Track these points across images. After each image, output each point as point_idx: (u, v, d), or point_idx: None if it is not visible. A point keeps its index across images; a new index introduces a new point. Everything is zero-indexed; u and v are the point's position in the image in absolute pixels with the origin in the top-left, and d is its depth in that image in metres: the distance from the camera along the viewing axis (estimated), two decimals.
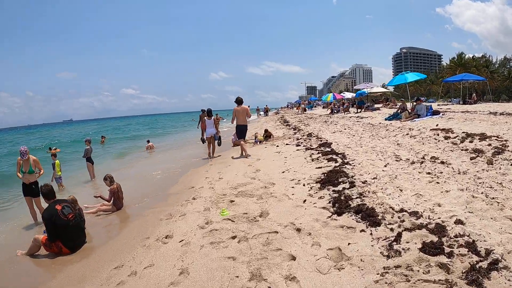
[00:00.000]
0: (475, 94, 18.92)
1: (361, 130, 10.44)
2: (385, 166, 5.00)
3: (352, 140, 8.39)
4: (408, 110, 12.21)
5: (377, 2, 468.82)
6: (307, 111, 34.34)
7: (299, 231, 3.07)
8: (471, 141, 5.93)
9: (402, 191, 3.72)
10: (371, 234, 2.77)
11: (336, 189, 4.11)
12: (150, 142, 16.19)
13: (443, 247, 2.44)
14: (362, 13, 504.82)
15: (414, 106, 11.75)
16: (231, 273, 2.55)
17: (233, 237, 3.19)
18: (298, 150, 8.08)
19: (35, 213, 5.61)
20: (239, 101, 8.70)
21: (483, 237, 2.50)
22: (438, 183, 3.90)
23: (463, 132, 6.87)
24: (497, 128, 7.17)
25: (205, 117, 10.14)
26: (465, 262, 2.25)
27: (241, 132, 8.87)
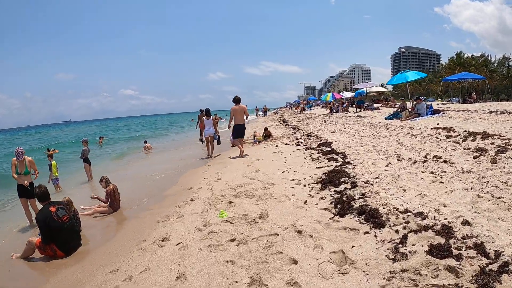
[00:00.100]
0: (474, 93, 18.87)
1: (361, 129, 10.35)
2: (387, 165, 4.90)
3: (353, 139, 8.29)
4: (408, 109, 12.13)
5: (376, 2, 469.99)
6: (306, 111, 34.27)
7: (300, 233, 2.97)
8: (473, 140, 5.86)
9: (405, 191, 3.63)
10: (375, 236, 2.67)
11: (337, 189, 4.00)
12: (147, 143, 16.09)
13: (451, 250, 2.35)
14: (360, 13, 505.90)
15: (414, 105, 11.67)
16: (229, 278, 2.44)
17: (232, 239, 3.08)
18: (297, 149, 7.98)
19: (30, 215, 5.51)
20: (237, 100, 8.64)
21: (491, 238, 2.42)
22: (442, 182, 3.81)
23: (464, 131, 6.80)
24: (499, 126, 7.11)
25: (204, 117, 10.09)
26: (474, 265, 2.17)
27: (239, 132, 8.81)
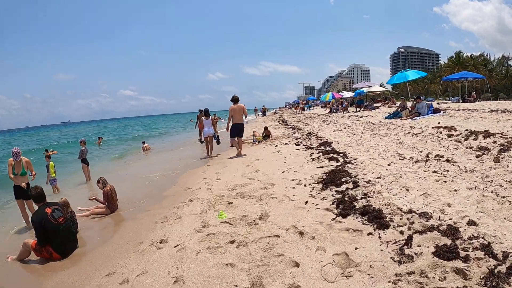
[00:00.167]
0: (474, 92, 18.82)
1: (361, 129, 10.28)
2: (388, 165, 4.83)
3: (353, 139, 8.22)
4: (409, 108, 12.07)
5: (374, 2, 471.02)
6: (306, 111, 34.22)
7: (301, 234, 2.88)
8: (475, 139, 5.79)
9: (408, 190, 3.56)
10: (379, 237, 2.59)
11: (339, 189, 3.93)
12: (146, 143, 16.02)
13: (458, 251, 2.28)
14: (359, 13, 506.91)
15: (414, 105, 11.61)
16: (229, 281, 2.36)
17: (232, 241, 2.99)
18: (297, 149, 7.91)
19: (27, 216, 5.41)
20: (235, 99, 8.58)
21: (498, 238, 2.36)
22: (445, 182, 3.74)
23: (466, 130, 6.74)
24: (501, 125, 7.05)
25: (203, 117, 10.02)
26: (482, 267, 2.10)
27: (238, 131, 8.74)
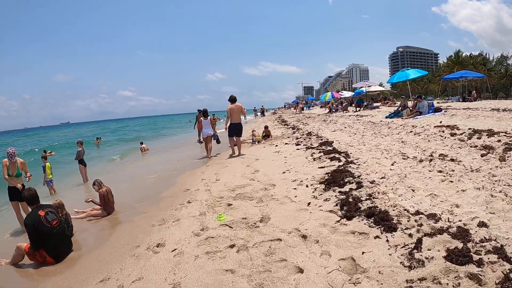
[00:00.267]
0: (475, 91, 18.73)
1: (362, 128, 10.16)
2: (392, 164, 4.71)
3: (354, 138, 8.10)
4: (410, 107, 11.96)
5: (373, 2, 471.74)
6: (305, 111, 34.11)
7: (305, 238, 2.75)
8: (479, 138, 5.68)
9: (414, 191, 3.43)
10: (387, 240, 2.46)
11: (342, 190, 3.80)
12: (143, 144, 15.91)
13: (471, 255, 2.16)
14: (358, 13, 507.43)
15: (415, 104, 11.50)
16: None
17: (231, 245, 2.85)
18: (298, 149, 7.78)
19: (22, 218, 5.28)
20: (232, 99, 8.54)
21: (511, 241, 2.23)
22: (451, 182, 3.63)
23: (469, 129, 6.63)
24: (504, 124, 6.95)
25: (201, 117, 9.92)
26: (497, 271, 1.99)
27: (236, 130, 8.67)
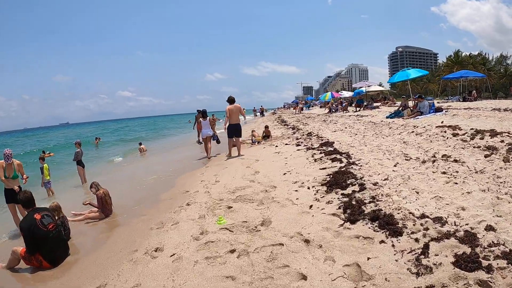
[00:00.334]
0: (475, 91, 18.67)
1: (363, 128, 10.08)
2: (394, 165, 4.63)
3: (355, 139, 8.02)
4: (410, 107, 11.89)
5: (372, 2, 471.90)
6: (304, 111, 34.03)
7: (307, 242, 2.67)
8: (481, 138, 5.61)
9: (418, 193, 3.35)
10: (393, 245, 2.38)
11: (345, 192, 3.71)
12: (142, 145, 15.82)
13: (480, 260, 2.08)
14: (357, 13, 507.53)
15: (416, 104, 11.43)
16: None
17: (232, 250, 2.77)
18: (298, 150, 7.70)
19: (19, 221, 5.18)
20: (231, 100, 8.56)
21: None
22: (456, 183, 3.55)
23: (471, 129, 6.55)
24: (506, 124, 6.88)
25: (201, 118, 9.85)
26: (507, 278, 1.92)
27: (235, 131, 8.67)
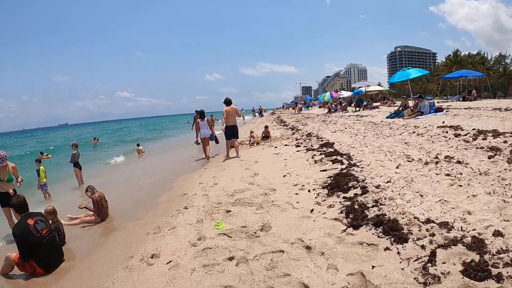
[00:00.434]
0: (475, 90, 18.63)
1: (363, 129, 9.99)
2: (397, 167, 4.53)
3: (356, 139, 7.93)
4: (410, 107, 11.81)
5: (371, 2, 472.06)
6: (304, 111, 33.94)
7: (309, 249, 2.56)
8: (484, 138, 5.53)
9: (423, 196, 3.26)
10: (398, 253, 2.28)
11: (347, 195, 3.61)
12: (140, 146, 15.70)
13: (489, 269, 1.99)
14: (355, 13, 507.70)
15: (416, 104, 11.35)
16: None
17: (230, 258, 2.66)
18: (298, 151, 7.61)
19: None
20: (228, 101, 8.58)
21: None
22: (460, 186, 3.46)
23: (473, 129, 6.47)
24: (508, 124, 6.79)
25: (199, 118, 9.80)
26: None
27: (232, 132, 8.66)
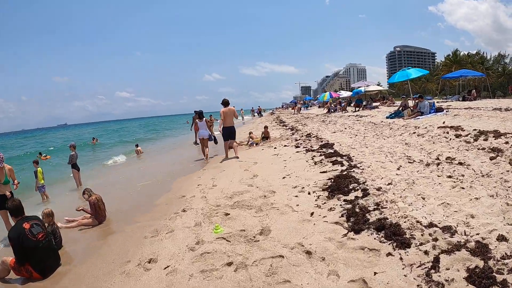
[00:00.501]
0: (474, 90, 18.62)
1: (363, 129, 9.93)
2: (398, 169, 4.48)
3: (356, 140, 7.87)
4: (410, 107, 11.76)
5: (370, 1, 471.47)
6: (303, 111, 33.89)
7: (309, 254, 2.51)
8: (485, 139, 5.48)
9: (424, 199, 3.20)
10: (401, 258, 2.22)
11: (347, 198, 3.56)
12: (138, 147, 15.64)
13: (494, 275, 1.94)
14: (355, 13, 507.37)
15: (416, 104, 11.31)
16: None
17: (229, 263, 2.60)
18: (297, 152, 7.55)
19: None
20: (225, 102, 8.62)
21: None
22: (463, 188, 3.40)
23: (474, 130, 6.43)
24: (509, 124, 6.76)
25: (197, 119, 9.78)
26: None
27: (229, 133, 8.69)
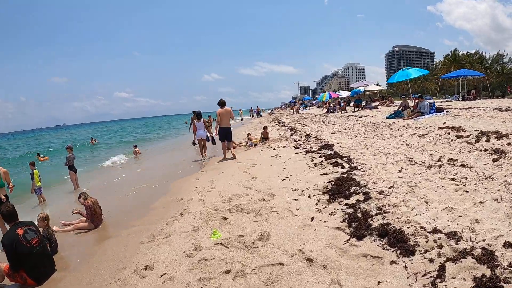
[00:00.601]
0: (474, 90, 18.58)
1: (362, 129, 9.85)
2: (399, 171, 4.40)
3: (356, 141, 7.79)
4: (410, 107, 11.69)
5: (368, 1, 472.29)
6: (302, 111, 33.81)
7: (310, 262, 2.43)
8: (487, 140, 5.41)
9: (428, 203, 3.12)
10: (405, 267, 2.15)
11: (348, 202, 3.48)
12: (136, 148, 15.55)
13: (501, 285, 1.87)
14: (353, 12, 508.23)
15: (416, 104, 11.24)
16: None
17: (227, 271, 2.52)
18: (297, 153, 7.46)
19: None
20: (222, 103, 8.57)
21: None
22: (466, 191, 3.32)
23: (475, 130, 6.37)
24: (511, 125, 6.68)
25: (195, 119, 9.70)
26: None
27: (225, 134, 8.63)
